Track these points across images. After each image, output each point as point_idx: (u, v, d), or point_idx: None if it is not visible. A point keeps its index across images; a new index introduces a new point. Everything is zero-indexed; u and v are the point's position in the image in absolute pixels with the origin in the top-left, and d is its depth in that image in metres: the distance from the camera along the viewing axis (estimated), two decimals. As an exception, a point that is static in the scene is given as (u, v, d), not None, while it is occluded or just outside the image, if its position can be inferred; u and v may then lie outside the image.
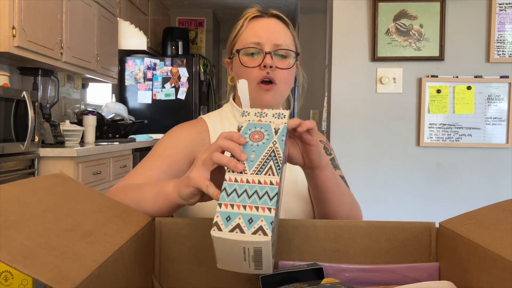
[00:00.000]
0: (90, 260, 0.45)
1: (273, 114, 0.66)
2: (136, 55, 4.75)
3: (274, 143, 0.62)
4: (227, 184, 0.58)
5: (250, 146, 0.62)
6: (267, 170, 0.59)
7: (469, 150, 2.43)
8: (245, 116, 0.67)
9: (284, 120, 0.65)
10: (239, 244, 0.53)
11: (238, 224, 0.53)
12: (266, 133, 0.64)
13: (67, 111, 3.66)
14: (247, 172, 0.59)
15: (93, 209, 0.60)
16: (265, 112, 0.67)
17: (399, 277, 0.64)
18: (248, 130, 0.65)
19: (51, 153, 2.45)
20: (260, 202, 0.56)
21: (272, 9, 1.06)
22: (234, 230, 0.53)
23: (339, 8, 2.48)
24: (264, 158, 0.60)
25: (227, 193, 0.57)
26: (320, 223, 0.69)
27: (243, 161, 0.60)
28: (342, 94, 2.48)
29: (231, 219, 0.54)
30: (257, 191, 0.57)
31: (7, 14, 2.29)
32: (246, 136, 0.64)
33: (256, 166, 0.60)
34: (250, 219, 0.54)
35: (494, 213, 0.60)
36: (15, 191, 0.52)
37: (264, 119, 0.66)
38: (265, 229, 0.53)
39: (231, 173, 0.60)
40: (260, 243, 0.52)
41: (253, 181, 0.58)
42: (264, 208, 0.55)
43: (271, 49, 0.98)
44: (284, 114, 0.66)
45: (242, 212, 0.55)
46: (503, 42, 2.38)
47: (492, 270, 0.50)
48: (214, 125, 1.04)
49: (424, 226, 0.68)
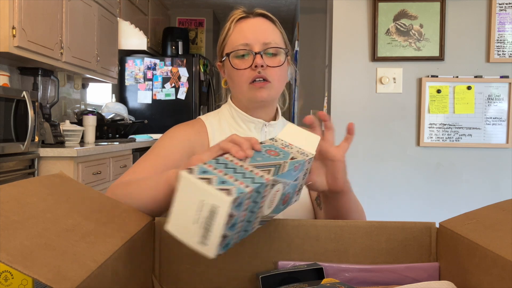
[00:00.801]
0: (90, 260, 0.45)
1: (297, 150, 0.67)
2: (136, 55, 4.75)
3: (285, 162, 0.62)
4: (221, 158, 0.59)
5: (261, 154, 0.63)
6: (265, 169, 0.58)
7: (469, 150, 2.43)
8: (272, 140, 0.68)
9: (305, 157, 0.65)
10: (199, 194, 0.50)
11: (210, 179, 0.51)
12: (282, 154, 0.64)
13: (67, 111, 3.66)
14: (245, 162, 0.59)
15: (93, 209, 0.60)
16: (291, 145, 0.68)
17: (399, 277, 0.64)
18: (267, 147, 0.65)
19: (51, 153, 2.46)
20: (241, 179, 0.53)
21: (258, 8, 1.06)
22: (203, 180, 0.51)
23: (339, 8, 2.48)
24: (268, 164, 0.60)
25: (217, 161, 0.57)
26: (320, 223, 0.69)
27: (248, 156, 0.60)
28: (342, 94, 2.48)
29: (206, 173, 0.52)
30: (244, 173, 0.55)
31: (7, 14, 2.29)
32: (262, 149, 0.64)
33: (256, 164, 0.59)
34: (223, 181, 0.51)
35: (494, 213, 0.60)
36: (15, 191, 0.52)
37: (287, 149, 0.66)
38: (232, 192, 0.49)
39: (231, 156, 0.60)
40: (219, 200, 0.49)
41: (246, 168, 0.57)
42: (242, 183, 0.52)
43: (260, 49, 0.98)
44: (307, 154, 0.67)
45: (220, 176, 0.53)
46: (503, 42, 2.38)
47: (492, 270, 0.50)
48: (212, 126, 1.04)
49: (424, 226, 0.68)
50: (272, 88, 0.99)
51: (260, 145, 0.64)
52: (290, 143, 0.68)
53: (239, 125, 1.04)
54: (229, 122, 1.06)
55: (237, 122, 1.05)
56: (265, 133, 1.04)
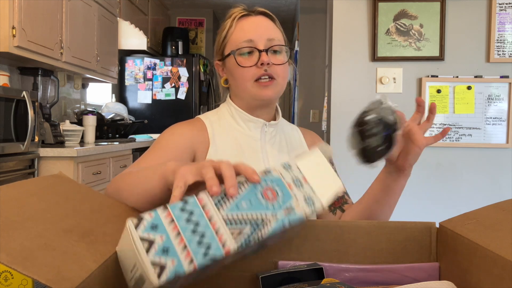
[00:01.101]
0: (90, 260, 0.45)
1: (308, 192, 0.54)
2: (136, 55, 4.75)
3: (272, 218, 0.50)
4: (192, 200, 0.49)
5: (253, 193, 0.51)
6: (237, 228, 0.48)
7: (469, 150, 2.43)
8: (286, 167, 0.56)
9: (306, 210, 0.53)
10: (134, 256, 0.45)
11: (153, 242, 0.45)
12: (280, 199, 0.52)
13: (67, 111, 3.66)
14: (219, 208, 0.49)
15: (93, 209, 0.60)
16: (305, 181, 0.55)
17: (399, 277, 0.64)
18: (270, 181, 0.53)
19: (51, 153, 2.45)
20: (193, 246, 0.46)
21: (258, 6, 1.06)
22: (145, 242, 0.45)
23: (339, 8, 2.48)
24: (247, 218, 0.49)
25: (182, 208, 0.48)
26: (320, 223, 0.69)
27: (231, 196, 0.50)
28: (342, 94, 2.48)
29: (154, 231, 0.45)
30: (203, 235, 0.47)
31: (7, 14, 2.29)
32: (262, 184, 0.53)
33: (233, 215, 0.49)
34: (166, 249, 0.45)
35: (494, 213, 0.60)
36: (15, 191, 0.52)
37: (295, 188, 0.54)
38: (165, 273, 0.43)
39: (207, 196, 0.50)
40: (148, 276, 0.44)
41: (214, 222, 0.48)
42: (189, 256, 0.45)
43: (265, 46, 0.98)
44: (313, 203, 0.54)
45: (168, 237, 0.45)
46: (503, 42, 2.38)
47: (492, 270, 0.50)
48: (212, 124, 1.04)
49: (424, 226, 0.68)
50: (277, 86, 0.99)
51: (259, 176, 0.53)
52: (305, 177, 0.55)
53: (238, 124, 1.04)
54: (228, 121, 1.05)
55: (236, 121, 1.04)
56: (265, 132, 1.04)
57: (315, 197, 0.54)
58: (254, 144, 1.02)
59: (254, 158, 1.00)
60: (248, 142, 1.02)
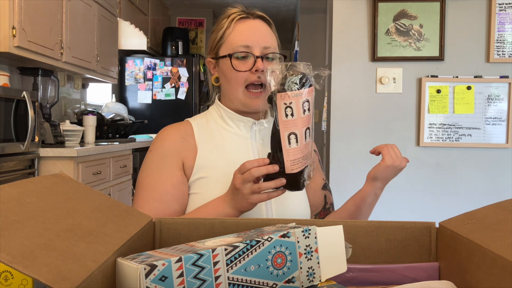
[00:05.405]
0: (90, 260, 0.45)
1: (314, 265, 0.57)
2: (136, 55, 4.75)
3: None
4: (207, 255, 0.50)
5: (264, 260, 0.53)
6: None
7: (469, 150, 2.43)
8: (303, 233, 0.57)
9: (306, 281, 0.56)
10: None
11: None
12: (285, 268, 0.55)
13: (67, 111, 3.66)
14: (229, 268, 0.51)
15: (93, 209, 0.60)
16: (315, 253, 0.57)
17: (399, 277, 0.64)
18: (284, 246, 0.55)
19: (51, 153, 2.46)
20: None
21: (256, 9, 1.07)
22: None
23: (339, 8, 2.48)
24: (249, 284, 0.52)
25: (194, 263, 0.49)
26: (320, 223, 0.69)
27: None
28: (342, 94, 2.48)
29: (162, 283, 0.47)
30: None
31: (7, 14, 2.29)
32: (276, 247, 0.54)
33: (238, 278, 0.51)
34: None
35: (494, 213, 0.60)
36: (15, 191, 0.52)
37: (304, 259, 0.56)
38: None
39: (221, 252, 0.51)
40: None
41: (218, 284, 0.50)
42: None
43: (260, 53, 0.99)
44: (315, 274, 0.57)
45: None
46: (503, 42, 2.38)
47: (492, 270, 0.50)
48: (199, 127, 1.05)
49: (424, 226, 0.68)
50: (267, 95, 1.00)
51: (278, 238, 0.55)
52: (316, 250, 0.57)
53: (227, 124, 1.05)
54: (217, 122, 1.06)
55: (225, 121, 1.05)
56: (255, 131, 1.04)
57: (317, 270, 0.57)
58: (244, 143, 1.03)
59: (244, 157, 1.01)
60: (237, 141, 1.03)
